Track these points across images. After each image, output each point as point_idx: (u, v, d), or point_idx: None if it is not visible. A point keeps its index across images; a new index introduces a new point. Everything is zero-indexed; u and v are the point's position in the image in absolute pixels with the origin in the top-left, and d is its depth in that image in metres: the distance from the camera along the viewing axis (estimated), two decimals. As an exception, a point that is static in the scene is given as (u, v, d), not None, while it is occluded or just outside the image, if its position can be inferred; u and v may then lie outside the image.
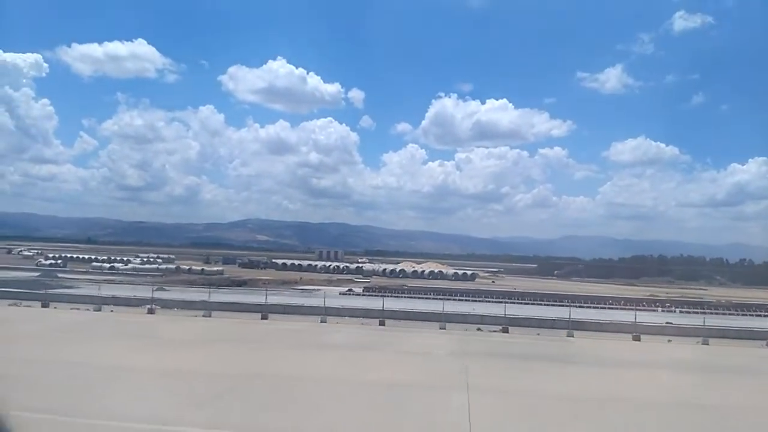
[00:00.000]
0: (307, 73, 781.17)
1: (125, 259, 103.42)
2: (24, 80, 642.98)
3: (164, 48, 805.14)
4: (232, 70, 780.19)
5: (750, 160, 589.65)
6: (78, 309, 26.31)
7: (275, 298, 32.14)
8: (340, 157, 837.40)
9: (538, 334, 22.98)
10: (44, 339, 17.60)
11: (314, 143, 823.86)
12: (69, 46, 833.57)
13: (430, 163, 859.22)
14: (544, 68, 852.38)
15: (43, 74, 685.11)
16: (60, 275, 61.52)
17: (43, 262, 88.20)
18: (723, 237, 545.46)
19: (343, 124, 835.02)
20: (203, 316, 24.59)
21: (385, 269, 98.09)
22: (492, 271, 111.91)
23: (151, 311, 25.45)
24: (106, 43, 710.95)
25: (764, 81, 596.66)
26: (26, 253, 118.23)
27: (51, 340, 17.46)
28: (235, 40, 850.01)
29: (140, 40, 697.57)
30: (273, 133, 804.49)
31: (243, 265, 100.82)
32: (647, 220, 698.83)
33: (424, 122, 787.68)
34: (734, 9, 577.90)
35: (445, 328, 23.12)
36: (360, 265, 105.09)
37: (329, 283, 68.41)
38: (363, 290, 53.98)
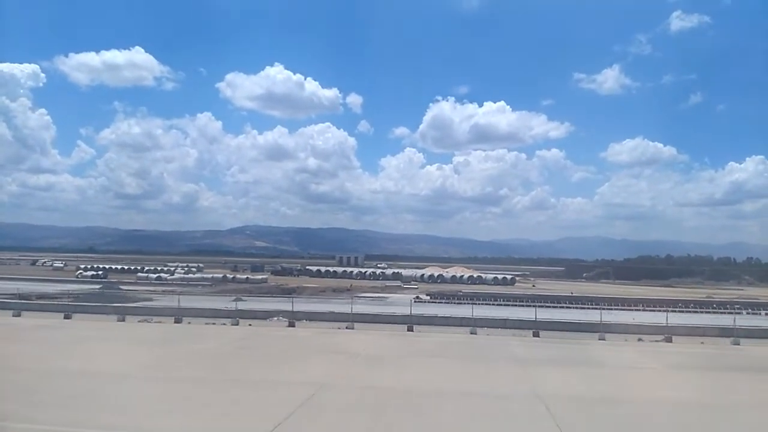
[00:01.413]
0: (305, 79, 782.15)
1: (166, 269, 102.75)
2: (21, 90, 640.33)
3: (162, 56, 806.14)
4: (229, 77, 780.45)
5: (747, 158, 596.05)
6: (214, 323, 25.77)
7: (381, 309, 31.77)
8: (339, 162, 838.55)
9: (702, 342, 22.79)
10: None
11: (312, 149, 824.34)
12: (66, 56, 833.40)
13: (428, 166, 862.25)
14: (541, 70, 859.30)
15: (41, 84, 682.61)
16: (122, 287, 60.83)
17: (85, 273, 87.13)
18: (722, 236, 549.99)
19: (341, 129, 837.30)
20: (347, 328, 24.14)
21: (423, 275, 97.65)
22: (519, 275, 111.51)
23: (291, 324, 24.91)
24: (103, 51, 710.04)
25: (761, 79, 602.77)
26: (57, 264, 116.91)
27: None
28: (233, 46, 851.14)
29: (137, 48, 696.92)
30: (271, 140, 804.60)
31: (276, 273, 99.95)
32: (645, 220, 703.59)
33: (421, 126, 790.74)
34: (731, 8, 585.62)
35: (605, 339, 22.75)
36: (398, 271, 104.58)
37: (383, 289, 67.89)
38: (430, 297, 53.57)
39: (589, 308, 39.56)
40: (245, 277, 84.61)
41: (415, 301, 44.92)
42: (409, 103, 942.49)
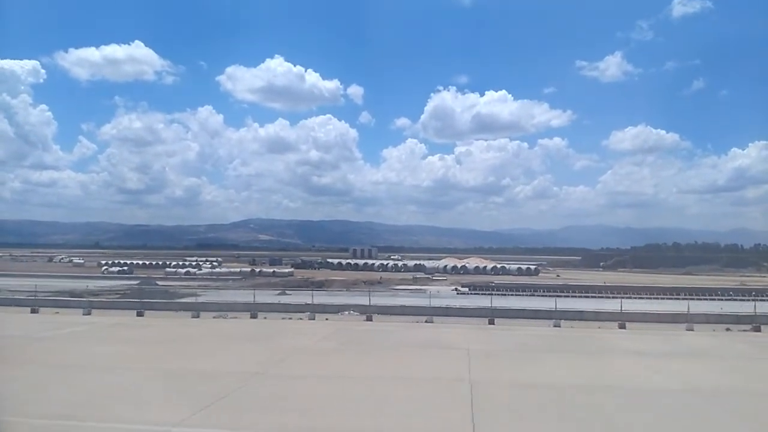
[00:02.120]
0: (306, 71, 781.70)
1: (187, 263, 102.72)
2: (22, 87, 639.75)
3: (162, 50, 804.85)
4: (230, 70, 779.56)
5: (750, 144, 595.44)
6: (290, 318, 25.64)
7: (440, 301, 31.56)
8: (340, 153, 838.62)
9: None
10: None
11: (314, 141, 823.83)
12: (66, 51, 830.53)
13: (429, 157, 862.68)
14: (543, 58, 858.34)
15: (41, 80, 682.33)
16: (159, 283, 60.72)
17: (111, 269, 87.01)
18: (725, 222, 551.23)
19: (342, 121, 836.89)
20: (426, 321, 23.96)
21: (446, 266, 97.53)
22: (536, 265, 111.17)
23: (369, 318, 24.74)
24: (103, 46, 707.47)
25: (763, 65, 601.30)
26: (77, 260, 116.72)
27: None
28: (233, 39, 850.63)
29: (137, 42, 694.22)
30: (272, 132, 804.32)
31: (296, 266, 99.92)
32: (648, 207, 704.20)
33: (423, 116, 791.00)
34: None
35: (693, 330, 22.65)
36: (420, 262, 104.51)
37: (414, 281, 67.81)
38: (468, 289, 53.51)
39: (639, 298, 39.43)
40: (272, 270, 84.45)
41: (457, 294, 44.76)
42: (410, 94, 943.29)
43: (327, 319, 25.28)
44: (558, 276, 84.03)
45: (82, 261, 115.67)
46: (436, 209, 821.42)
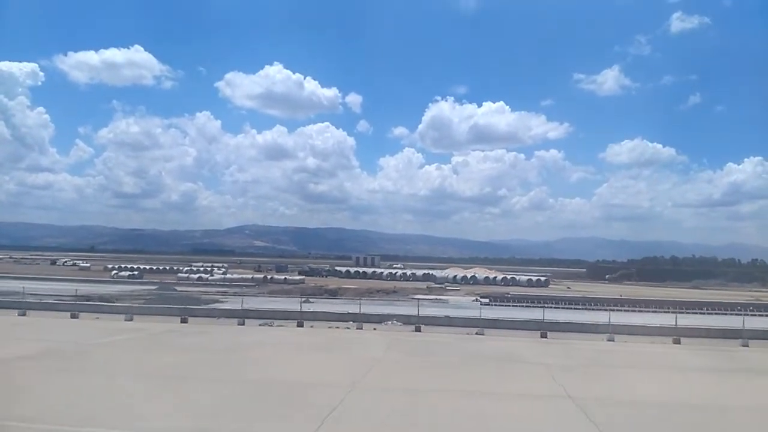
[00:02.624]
0: (304, 78, 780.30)
1: (194, 269, 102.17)
2: (20, 89, 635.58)
3: (161, 54, 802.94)
4: (228, 76, 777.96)
5: (746, 159, 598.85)
6: (338, 327, 25.34)
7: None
8: (337, 161, 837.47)
9: None
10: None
11: (311, 148, 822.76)
12: (65, 55, 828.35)
13: (426, 166, 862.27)
14: (540, 70, 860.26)
15: (39, 83, 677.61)
16: (178, 288, 60.09)
17: (121, 273, 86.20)
18: (719, 237, 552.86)
19: (340, 129, 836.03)
20: (477, 333, 23.71)
21: (455, 276, 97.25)
22: (545, 277, 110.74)
23: (417, 329, 24.45)
24: (102, 50, 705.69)
25: (760, 80, 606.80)
26: (83, 264, 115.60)
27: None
28: (232, 45, 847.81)
29: (137, 46, 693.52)
30: (270, 139, 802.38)
31: (303, 273, 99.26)
32: (643, 221, 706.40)
33: (420, 126, 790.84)
34: (731, 10, 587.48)
35: (748, 345, 22.54)
36: (428, 272, 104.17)
37: (430, 291, 67.53)
38: (489, 300, 53.26)
39: (666, 312, 39.23)
40: (283, 278, 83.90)
41: (481, 305, 44.52)
42: (408, 103, 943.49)
43: (375, 329, 25.00)
44: (568, 288, 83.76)
45: (88, 265, 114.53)
46: (432, 219, 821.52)
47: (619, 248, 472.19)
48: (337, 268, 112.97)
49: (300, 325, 25.04)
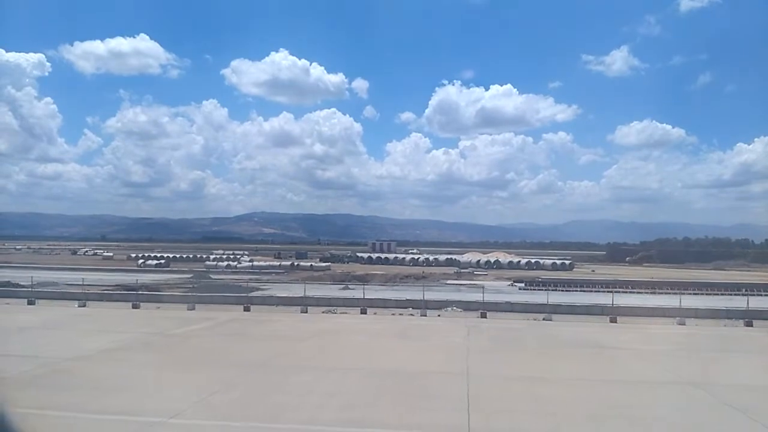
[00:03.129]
0: (310, 64, 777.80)
1: (225, 256, 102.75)
2: (27, 80, 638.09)
3: (167, 43, 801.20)
4: (234, 63, 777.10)
5: (756, 139, 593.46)
6: (401, 314, 25.20)
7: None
8: (345, 147, 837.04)
9: None
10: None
11: (318, 135, 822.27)
12: (71, 45, 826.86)
13: (434, 151, 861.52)
14: (548, 52, 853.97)
15: (46, 73, 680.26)
16: (213, 276, 60.18)
17: (149, 262, 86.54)
18: (729, 217, 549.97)
19: (347, 115, 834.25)
20: (543, 319, 23.58)
21: (479, 260, 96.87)
22: (570, 261, 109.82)
23: (483, 315, 24.27)
24: (108, 39, 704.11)
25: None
26: (106, 254, 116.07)
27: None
28: (238, 33, 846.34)
29: (143, 35, 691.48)
30: (277, 126, 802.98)
31: (324, 260, 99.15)
32: (653, 202, 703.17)
33: (427, 111, 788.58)
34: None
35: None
36: (452, 257, 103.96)
37: (459, 276, 67.30)
38: (525, 284, 53.07)
39: (708, 295, 39.01)
40: (309, 264, 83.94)
41: (520, 289, 44.45)
42: (414, 88, 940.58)
43: (439, 315, 24.91)
44: (593, 271, 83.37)
45: (111, 254, 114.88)
46: (440, 203, 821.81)
47: (629, 230, 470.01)
48: (359, 254, 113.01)
49: (363, 312, 24.98)
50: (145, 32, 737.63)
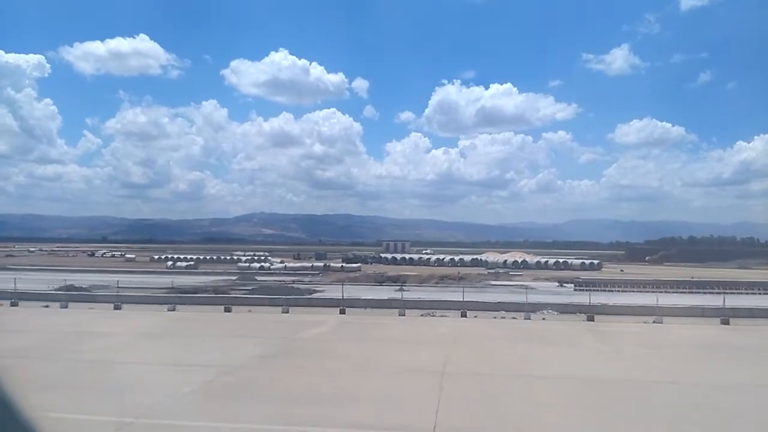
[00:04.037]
0: (310, 64, 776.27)
1: (256, 257, 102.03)
2: (26, 81, 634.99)
3: (167, 43, 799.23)
4: (234, 63, 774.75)
5: (756, 137, 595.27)
6: (503, 317, 24.64)
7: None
8: (344, 147, 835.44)
9: None
10: None
11: (318, 135, 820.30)
12: (71, 46, 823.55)
13: (433, 151, 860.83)
14: (548, 51, 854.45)
15: (46, 74, 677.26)
16: (258, 278, 59.35)
17: (179, 264, 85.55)
18: (728, 216, 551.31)
19: (347, 115, 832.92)
20: (654, 322, 22.98)
21: (505, 260, 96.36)
22: (598, 261, 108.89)
23: (590, 318, 23.71)
24: (108, 40, 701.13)
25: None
26: (128, 255, 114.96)
27: None
28: (238, 32, 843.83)
29: (142, 35, 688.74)
30: (276, 126, 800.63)
31: (347, 261, 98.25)
32: (652, 201, 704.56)
33: (427, 110, 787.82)
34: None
35: None
36: (478, 257, 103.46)
37: (497, 277, 66.75)
38: (575, 287, 52.50)
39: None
40: (340, 265, 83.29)
41: (574, 290, 43.96)
42: (414, 87, 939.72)
43: (544, 318, 24.43)
44: (622, 271, 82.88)
45: (133, 256, 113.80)
46: (440, 203, 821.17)
47: (629, 229, 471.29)
48: (383, 255, 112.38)
49: (464, 315, 24.39)
50: (145, 33, 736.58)
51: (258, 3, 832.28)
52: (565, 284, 53.87)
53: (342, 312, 25.02)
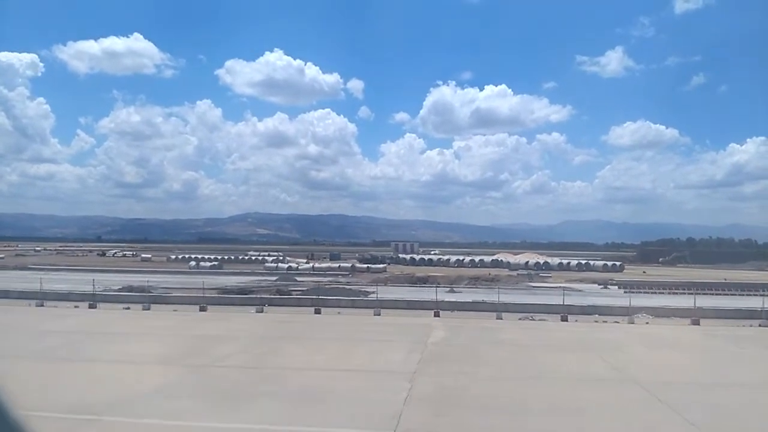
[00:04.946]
0: (305, 64, 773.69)
1: (278, 257, 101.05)
2: (19, 80, 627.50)
3: (161, 43, 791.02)
4: (229, 63, 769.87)
5: (748, 139, 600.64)
6: (604, 321, 24.12)
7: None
8: (339, 148, 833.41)
9: None
10: None
11: (312, 135, 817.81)
12: (64, 44, 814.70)
13: (428, 152, 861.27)
14: (543, 53, 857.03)
15: (39, 73, 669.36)
16: (298, 279, 58.51)
17: (203, 264, 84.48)
18: (721, 218, 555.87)
19: (341, 115, 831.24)
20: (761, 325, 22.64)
21: (527, 262, 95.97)
22: (620, 262, 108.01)
23: (696, 322, 23.17)
24: (101, 39, 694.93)
25: (764, 60, 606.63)
26: (144, 255, 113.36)
27: None
28: (232, 32, 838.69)
29: (136, 34, 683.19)
30: (271, 126, 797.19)
31: (364, 261, 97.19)
32: (645, 203, 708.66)
33: (422, 111, 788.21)
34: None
35: None
36: (496, 258, 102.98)
37: (530, 278, 66.21)
38: (618, 287, 52.18)
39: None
40: (366, 266, 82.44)
41: (625, 292, 43.65)
42: (409, 88, 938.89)
43: (647, 323, 24.01)
44: (644, 273, 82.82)
45: (149, 255, 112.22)
46: (434, 204, 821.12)
47: (622, 230, 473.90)
48: (401, 256, 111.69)
49: (564, 319, 23.94)
50: (140, 32, 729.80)
51: (253, 3, 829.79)
52: (608, 285, 53.56)
53: (436, 315, 24.44)
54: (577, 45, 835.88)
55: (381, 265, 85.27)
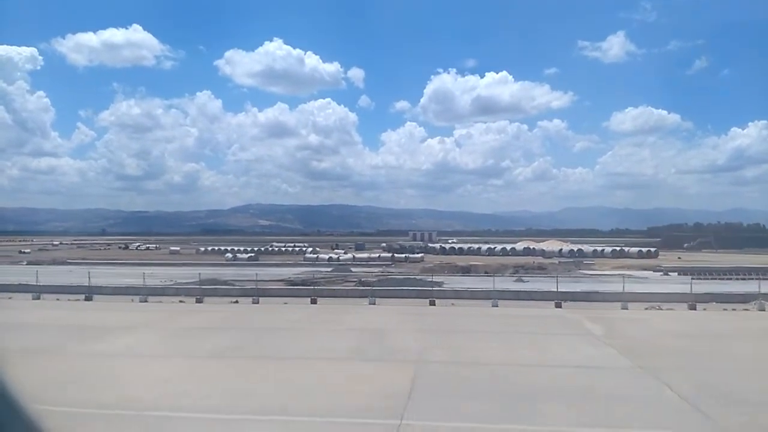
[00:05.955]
0: (305, 53, 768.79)
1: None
2: (19, 74, 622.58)
3: (161, 34, 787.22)
4: (228, 54, 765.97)
5: (750, 123, 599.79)
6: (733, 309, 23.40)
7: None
8: (340, 138, 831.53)
9: None
10: None
11: (313, 125, 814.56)
12: (63, 37, 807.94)
13: (429, 140, 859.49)
14: (544, 38, 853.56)
15: (38, 67, 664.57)
16: (353, 269, 57.68)
17: (240, 256, 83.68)
18: (722, 202, 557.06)
19: (342, 105, 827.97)
20: None
21: (561, 249, 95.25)
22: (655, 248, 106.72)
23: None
24: (100, 31, 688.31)
25: (765, 45, 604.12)
26: (173, 248, 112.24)
27: None
28: (232, 22, 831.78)
29: (135, 26, 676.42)
30: (272, 117, 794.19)
31: (392, 250, 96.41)
32: (647, 188, 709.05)
33: (423, 99, 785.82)
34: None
35: None
36: (529, 246, 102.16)
37: (577, 266, 65.39)
38: (677, 273, 51.63)
39: None
40: (404, 256, 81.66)
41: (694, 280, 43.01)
42: (409, 76, 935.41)
43: (734, 309, 23.47)
44: (680, 258, 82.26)
45: (178, 248, 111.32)
46: (436, 192, 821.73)
47: (624, 216, 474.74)
48: (432, 245, 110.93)
49: (692, 307, 23.23)
50: (139, 23, 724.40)
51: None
52: (670, 273, 52.89)
53: (558, 305, 23.74)
54: (578, 30, 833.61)
55: (418, 255, 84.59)
